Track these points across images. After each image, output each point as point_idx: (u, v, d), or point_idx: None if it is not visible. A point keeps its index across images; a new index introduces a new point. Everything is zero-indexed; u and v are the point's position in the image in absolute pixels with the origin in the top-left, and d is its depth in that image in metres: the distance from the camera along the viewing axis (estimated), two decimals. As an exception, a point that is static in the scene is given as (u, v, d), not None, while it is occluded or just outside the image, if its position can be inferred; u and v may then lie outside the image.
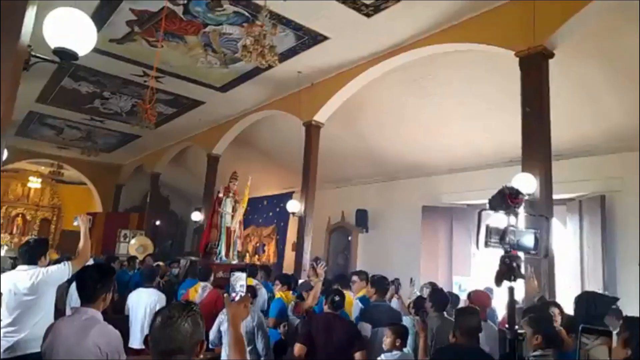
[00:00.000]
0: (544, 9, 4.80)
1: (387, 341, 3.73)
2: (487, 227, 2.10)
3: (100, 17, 6.53)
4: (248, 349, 4.33)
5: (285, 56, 7.32)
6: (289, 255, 11.63)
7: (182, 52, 7.74)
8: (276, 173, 12.47)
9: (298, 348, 3.98)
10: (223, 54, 7.68)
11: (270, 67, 6.35)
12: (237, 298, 2.02)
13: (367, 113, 8.92)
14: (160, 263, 8.37)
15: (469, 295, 4.63)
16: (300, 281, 6.65)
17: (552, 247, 4.51)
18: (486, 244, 2.07)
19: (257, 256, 12.01)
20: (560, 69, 5.31)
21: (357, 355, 3.84)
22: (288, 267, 10.98)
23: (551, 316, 3.19)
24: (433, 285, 5.64)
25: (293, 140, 9.15)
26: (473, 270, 8.94)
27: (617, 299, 3.08)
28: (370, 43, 6.82)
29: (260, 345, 4.32)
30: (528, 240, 2.14)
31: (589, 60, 5.80)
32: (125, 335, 4.56)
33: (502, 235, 2.11)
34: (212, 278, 6.08)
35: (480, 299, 4.44)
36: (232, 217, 8.03)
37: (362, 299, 5.68)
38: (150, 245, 12.57)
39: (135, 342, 4.95)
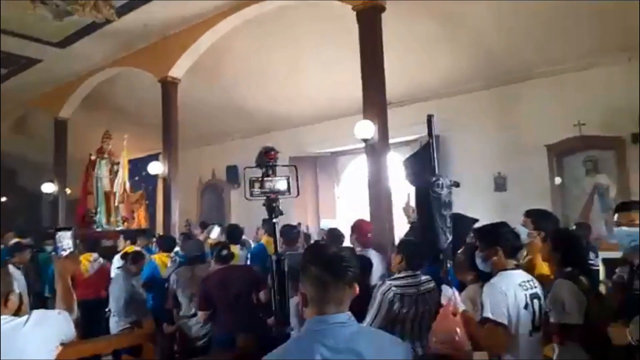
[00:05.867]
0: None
1: None
2: (250, 180, 2.52)
3: None
4: (129, 319, 4.40)
5: (127, 8, 6.73)
6: (161, 219, 11.27)
7: (4, 3, 6.69)
8: (137, 136, 11.70)
9: (200, 315, 4.06)
10: (55, 5, 6.82)
11: (109, 21, 5.84)
12: (65, 254, 2.20)
13: (227, 67, 8.76)
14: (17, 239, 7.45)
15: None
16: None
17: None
18: (251, 194, 2.46)
19: (125, 223, 11.40)
20: (395, 24, 5.79)
21: (261, 295, 3.94)
22: (161, 230, 10.68)
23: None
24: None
25: (152, 99, 8.66)
26: (338, 213, 9.68)
27: (476, 220, 3.47)
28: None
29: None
30: (282, 185, 2.64)
31: (419, 16, 6.41)
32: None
33: (261, 184, 2.55)
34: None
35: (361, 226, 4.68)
36: (111, 180, 7.55)
37: (257, 247, 5.84)
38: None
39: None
